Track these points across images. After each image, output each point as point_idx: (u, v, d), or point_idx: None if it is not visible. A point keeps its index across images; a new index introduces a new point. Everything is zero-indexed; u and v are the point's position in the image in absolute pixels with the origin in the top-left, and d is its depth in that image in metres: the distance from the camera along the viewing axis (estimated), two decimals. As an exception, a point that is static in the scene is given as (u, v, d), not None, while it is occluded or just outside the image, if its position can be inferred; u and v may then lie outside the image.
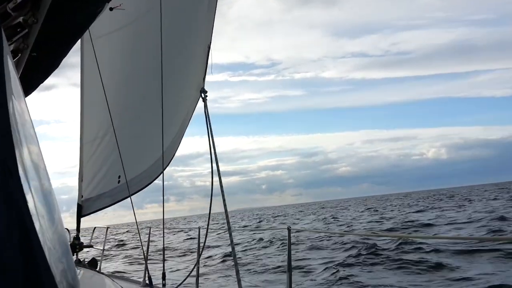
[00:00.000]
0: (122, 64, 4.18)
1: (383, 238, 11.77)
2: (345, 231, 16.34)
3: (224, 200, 3.62)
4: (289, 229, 3.61)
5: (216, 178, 3.51)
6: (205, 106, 3.79)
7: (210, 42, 3.93)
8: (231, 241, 3.71)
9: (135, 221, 3.57)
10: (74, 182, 4.51)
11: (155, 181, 4.44)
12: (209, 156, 3.52)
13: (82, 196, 4.36)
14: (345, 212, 40.61)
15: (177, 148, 4.49)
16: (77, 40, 1.71)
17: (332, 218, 29.92)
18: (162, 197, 3.66)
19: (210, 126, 3.69)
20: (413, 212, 27.58)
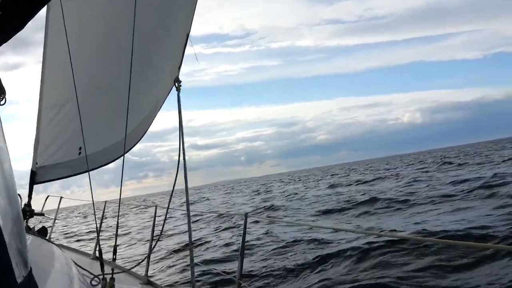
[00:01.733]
0: (92, 33, 4.03)
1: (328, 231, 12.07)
2: (297, 220, 16.63)
3: (186, 182, 3.62)
4: (246, 215, 3.66)
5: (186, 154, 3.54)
6: (178, 96, 3.74)
7: (189, 31, 3.86)
8: (189, 222, 3.71)
9: (91, 195, 3.49)
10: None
11: (131, 159, 4.36)
12: (186, 131, 3.57)
13: (36, 163, 4.22)
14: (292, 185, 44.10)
15: (144, 133, 4.40)
16: (47, 2, 1.65)
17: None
18: (141, 173, 3.61)
19: (180, 115, 3.67)
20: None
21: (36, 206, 4.27)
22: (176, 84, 3.73)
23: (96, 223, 3.68)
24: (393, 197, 17.53)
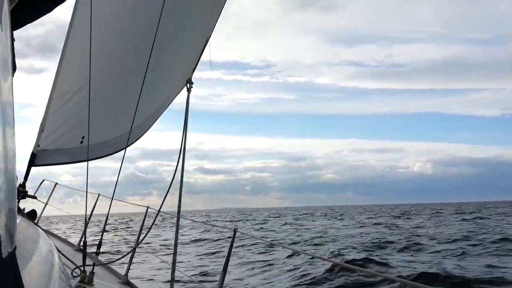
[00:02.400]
0: (115, 25, 4.10)
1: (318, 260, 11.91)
2: (284, 245, 16.46)
3: (180, 190, 3.61)
4: (235, 231, 3.64)
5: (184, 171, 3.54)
6: (188, 97, 3.77)
7: (209, 36, 3.92)
8: (176, 232, 3.69)
9: (85, 189, 3.49)
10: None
11: (137, 175, 4.39)
12: (195, 153, 3.61)
13: (38, 146, 4.24)
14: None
15: (147, 130, 4.44)
16: None
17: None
18: (145, 190, 3.63)
19: (187, 118, 3.68)
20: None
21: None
22: (188, 85, 3.76)
23: (85, 215, 3.66)
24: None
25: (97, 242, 3.68)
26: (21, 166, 4.24)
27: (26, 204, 4.36)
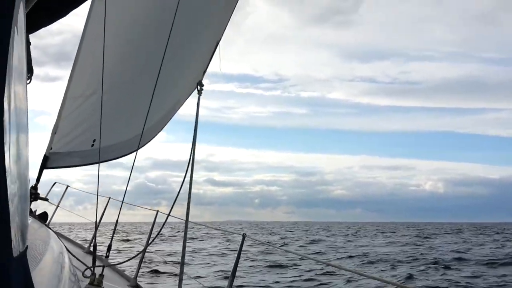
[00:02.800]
0: (129, 28, 4.16)
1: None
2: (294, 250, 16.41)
3: (189, 196, 3.62)
4: (243, 235, 3.64)
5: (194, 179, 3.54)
6: (198, 100, 3.79)
7: (220, 39, 3.95)
8: (185, 234, 3.70)
9: (97, 191, 3.51)
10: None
11: (147, 184, 4.42)
12: (205, 164, 3.59)
13: (51, 148, 4.30)
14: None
15: (157, 133, 4.47)
16: None
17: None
18: (154, 200, 3.66)
19: (197, 121, 3.69)
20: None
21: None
22: (199, 87, 3.78)
23: (96, 217, 3.69)
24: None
25: (107, 245, 3.71)
26: (33, 171, 4.30)
27: (38, 207, 4.42)
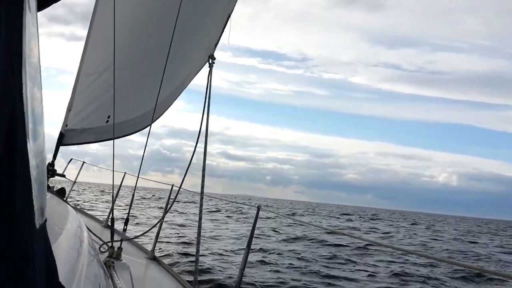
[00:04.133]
0: (139, 5, 4.13)
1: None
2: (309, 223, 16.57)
3: (203, 172, 3.65)
4: (258, 208, 3.68)
5: (201, 146, 3.56)
6: (210, 73, 3.78)
7: (232, 11, 3.90)
8: (201, 206, 3.76)
9: (112, 164, 3.57)
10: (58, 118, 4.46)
11: (161, 152, 4.47)
12: (220, 137, 3.63)
13: (66, 125, 4.35)
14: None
15: (170, 106, 4.49)
16: None
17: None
18: (168, 168, 3.71)
19: (209, 93, 3.68)
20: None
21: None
22: (210, 60, 3.76)
23: (113, 192, 3.77)
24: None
25: (124, 219, 3.80)
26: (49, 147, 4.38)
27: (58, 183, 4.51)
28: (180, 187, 3.87)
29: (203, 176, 3.67)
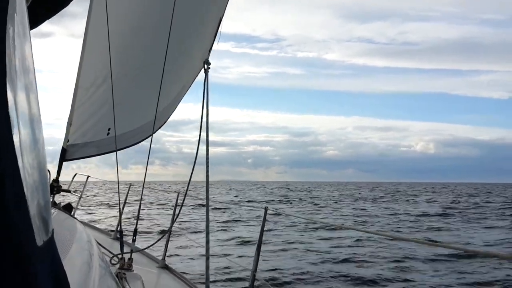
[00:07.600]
0: (132, 17, 4.14)
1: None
2: (317, 220, 16.53)
3: (207, 175, 3.62)
4: (265, 209, 3.67)
5: (203, 147, 3.52)
6: (206, 78, 3.76)
7: (223, 15, 3.90)
8: (207, 212, 3.75)
9: (117, 176, 3.58)
10: (60, 133, 4.47)
11: (142, 143, 4.47)
12: (198, 124, 3.51)
13: (68, 141, 4.36)
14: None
15: (170, 115, 4.50)
16: None
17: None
18: (147, 159, 3.69)
19: (207, 98, 3.66)
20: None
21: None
22: (205, 66, 3.75)
23: (119, 204, 3.77)
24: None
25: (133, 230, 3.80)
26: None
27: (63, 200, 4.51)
28: (184, 197, 3.86)
29: (207, 184, 3.63)
